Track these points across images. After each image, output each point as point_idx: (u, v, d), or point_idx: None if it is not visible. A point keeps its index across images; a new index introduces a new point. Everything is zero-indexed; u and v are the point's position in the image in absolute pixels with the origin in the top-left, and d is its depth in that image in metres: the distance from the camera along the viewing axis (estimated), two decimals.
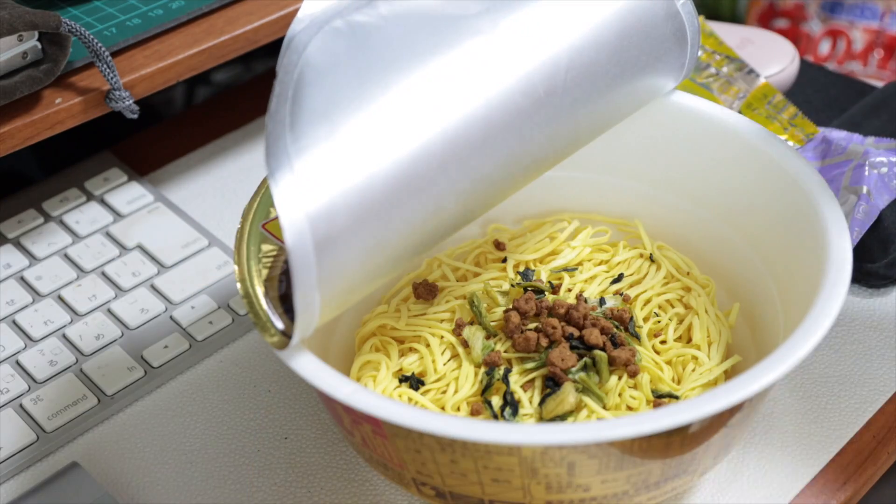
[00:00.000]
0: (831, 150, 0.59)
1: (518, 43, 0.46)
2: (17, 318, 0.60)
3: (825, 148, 0.60)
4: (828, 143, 0.60)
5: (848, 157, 0.58)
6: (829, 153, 0.59)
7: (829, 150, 0.60)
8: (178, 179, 0.70)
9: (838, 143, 0.60)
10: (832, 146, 0.59)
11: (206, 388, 0.57)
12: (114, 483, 0.53)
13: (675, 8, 0.50)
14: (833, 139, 0.60)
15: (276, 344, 0.44)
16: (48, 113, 0.58)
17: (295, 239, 0.40)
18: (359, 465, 0.53)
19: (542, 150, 0.48)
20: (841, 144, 0.59)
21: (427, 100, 0.43)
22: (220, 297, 0.61)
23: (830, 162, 0.58)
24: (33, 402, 0.55)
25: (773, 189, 0.51)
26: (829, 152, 0.59)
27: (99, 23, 0.62)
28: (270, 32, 0.65)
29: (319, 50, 0.43)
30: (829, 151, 0.60)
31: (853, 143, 0.59)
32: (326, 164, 0.41)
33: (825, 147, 0.60)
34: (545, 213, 0.59)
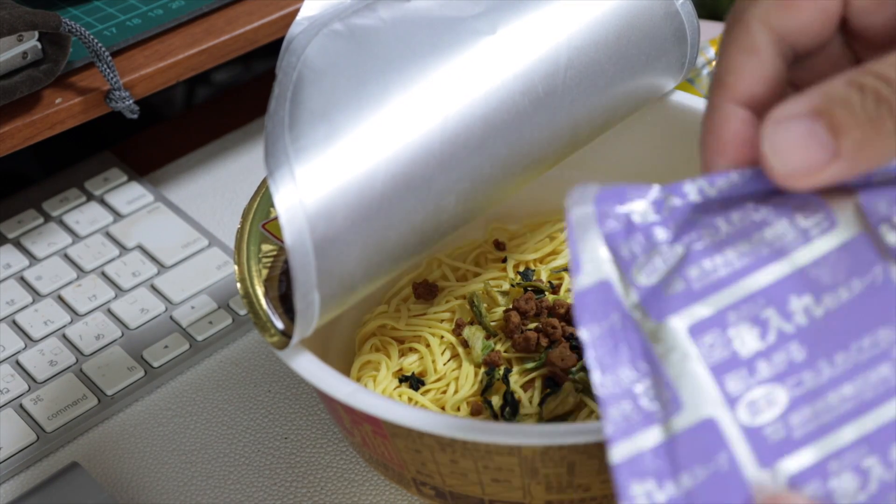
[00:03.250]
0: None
1: (517, 43, 0.46)
2: (17, 318, 0.60)
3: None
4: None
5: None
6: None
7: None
8: (178, 179, 0.70)
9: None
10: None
11: (206, 388, 0.57)
12: (114, 483, 0.53)
13: (675, 7, 0.50)
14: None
15: (276, 344, 0.44)
16: (48, 113, 0.58)
17: (294, 239, 0.40)
18: (359, 465, 0.53)
19: (542, 150, 0.48)
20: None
21: (426, 100, 0.43)
22: (220, 297, 0.61)
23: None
24: (33, 402, 0.55)
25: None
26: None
27: (99, 23, 0.62)
28: (270, 32, 0.65)
29: (318, 51, 0.43)
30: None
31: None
32: (326, 164, 0.41)
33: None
34: (545, 213, 0.59)
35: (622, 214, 0.37)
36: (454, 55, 0.44)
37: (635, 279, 0.37)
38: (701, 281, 0.37)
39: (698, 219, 0.38)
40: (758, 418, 0.35)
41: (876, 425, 0.35)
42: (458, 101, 0.44)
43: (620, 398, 0.35)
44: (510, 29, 0.46)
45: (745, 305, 0.36)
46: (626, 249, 0.37)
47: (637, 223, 0.37)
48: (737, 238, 0.37)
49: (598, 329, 0.36)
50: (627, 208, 0.37)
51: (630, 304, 0.36)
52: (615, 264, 0.37)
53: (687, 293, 0.36)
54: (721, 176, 0.38)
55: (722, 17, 0.84)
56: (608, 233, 0.37)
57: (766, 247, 0.37)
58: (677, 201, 0.38)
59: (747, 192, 0.38)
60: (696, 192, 0.38)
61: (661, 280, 0.37)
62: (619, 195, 0.38)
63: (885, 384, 0.36)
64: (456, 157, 0.44)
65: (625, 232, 0.37)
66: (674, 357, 0.36)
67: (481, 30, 0.45)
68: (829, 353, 0.36)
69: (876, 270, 0.37)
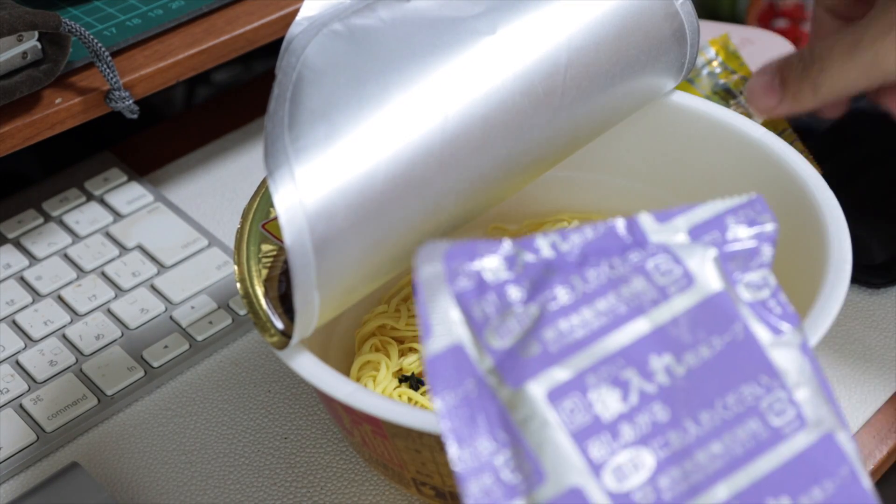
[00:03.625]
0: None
1: (517, 43, 0.46)
2: (17, 318, 0.60)
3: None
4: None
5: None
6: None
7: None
8: (178, 179, 0.70)
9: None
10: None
11: (206, 388, 0.57)
12: (114, 483, 0.53)
13: (675, 8, 0.50)
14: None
15: (276, 344, 0.44)
16: (48, 113, 0.58)
17: (294, 239, 0.40)
18: (359, 465, 0.53)
19: (542, 150, 0.48)
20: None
21: (426, 99, 0.43)
22: (220, 297, 0.61)
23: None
24: (33, 402, 0.55)
25: (773, 188, 0.51)
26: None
27: (99, 23, 0.62)
28: (270, 32, 0.65)
29: (318, 52, 0.43)
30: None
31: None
32: (325, 163, 0.41)
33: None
34: (545, 213, 0.59)
35: (473, 272, 0.36)
36: (454, 55, 0.44)
37: (489, 342, 0.35)
38: (558, 343, 0.35)
39: (553, 276, 0.36)
40: (625, 483, 0.34)
41: (749, 480, 0.35)
42: (458, 101, 0.44)
43: (480, 472, 0.34)
44: (510, 29, 0.46)
45: (605, 367, 0.35)
46: (478, 310, 0.36)
47: (489, 281, 0.36)
48: (593, 297, 0.36)
49: (452, 397, 0.35)
50: (479, 265, 0.36)
51: (485, 368, 0.35)
52: (468, 326, 0.35)
53: (544, 356, 0.35)
54: (575, 231, 0.37)
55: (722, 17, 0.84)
56: (459, 292, 0.35)
57: (623, 305, 0.36)
58: (530, 257, 0.37)
59: (602, 248, 0.37)
60: (549, 248, 0.37)
61: (517, 342, 0.35)
62: (470, 252, 0.36)
63: (754, 439, 0.35)
64: (456, 157, 0.44)
65: (477, 291, 0.36)
66: (533, 425, 0.34)
67: (481, 30, 0.45)
68: (694, 411, 0.35)
69: (736, 327, 0.36)
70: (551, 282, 0.36)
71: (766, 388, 0.36)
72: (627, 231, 0.38)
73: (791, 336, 0.38)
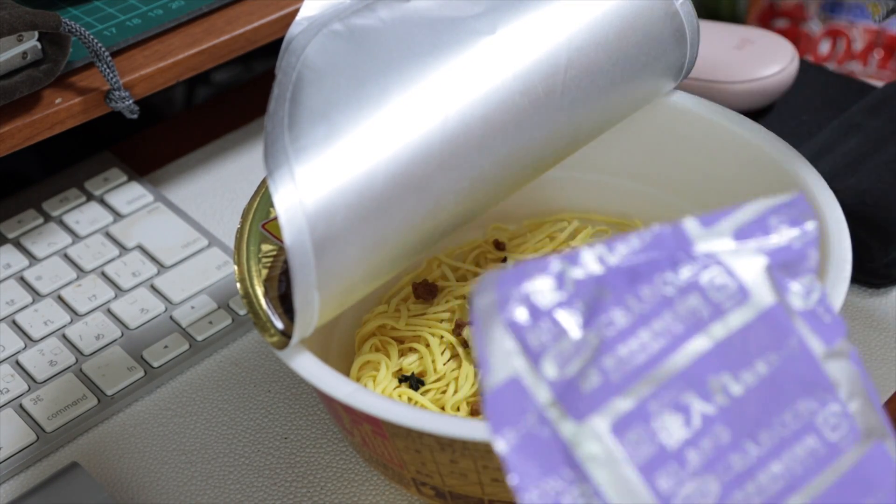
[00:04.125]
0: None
1: (517, 43, 0.46)
2: (17, 318, 0.60)
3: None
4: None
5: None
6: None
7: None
8: (178, 179, 0.70)
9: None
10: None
11: (206, 388, 0.57)
12: (114, 483, 0.53)
13: (675, 8, 0.50)
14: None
15: (276, 344, 0.44)
16: (48, 113, 0.58)
17: (294, 238, 0.40)
18: (359, 465, 0.53)
19: (542, 150, 0.48)
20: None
21: (426, 99, 0.43)
22: (220, 297, 0.61)
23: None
24: (33, 402, 0.55)
25: (773, 188, 0.51)
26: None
27: (99, 23, 0.62)
28: (270, 32, 0.65)
29: (318, 52, 0.43)
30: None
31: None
32: (325, 163, 0.41)
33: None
34: (545, 213, 0.59)
35: (524, 296, 0.35)
36: (454, 55, 0.44)
37: (547, 373, 0.34)
38: (618, 371, 0.34)
39: (607, 297, 0.35)
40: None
41: (811, 498, 0.34)
42: (457, 101, 0.44)
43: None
44: (510, 29, 0.46)
45: (666, 392, 0.34)
46: (534, 338, 0.34)
47: (541, 305, 0.35)
48: (650, 317, 0.35)
49: (514, 436, 0.33)
50: (529, 288, 0.35)
51: (544, 401, 0.34)
52: (524, 356, 0.34)
53: (605, 386, 0.34)
54: (620, 241, 0.36)
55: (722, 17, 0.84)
56: (512, 320, 0.34)
57: (679, 324, 0.35)
58: (578, 273, 0.35)
59: (651, 258, 0.36)
60: (597, 261, 0.36)
61: (577, 373, 0.34)
62: (519, 274, 0.35)
63: (813, 456, 0.35)
64: (456, 157, 0.44)
65: (531, 318, 0.34)
66: (599, 460, 0.34)
67: (481, 30, 0.45)
68: (754, 431, 0.35)
69: (791, 341, 0.36)
70: (606, 304, 0.35)
71: (821, 401, 0.35)
72: (674, 238, 0.37)
73: (842, 345, 0.37)
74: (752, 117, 0.56)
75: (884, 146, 0.64)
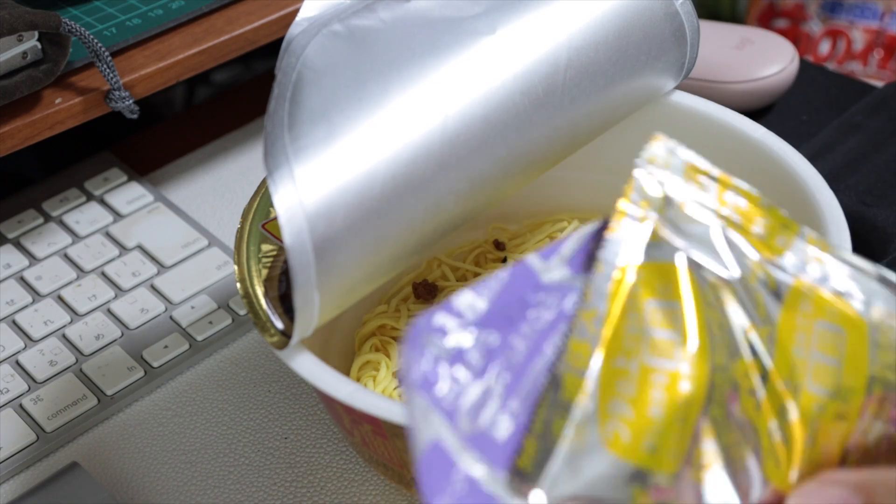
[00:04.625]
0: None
1: (517, 43, 0.46)
2: (17, 318, 0.60)
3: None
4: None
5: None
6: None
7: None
8: (178, 179, 0.70)
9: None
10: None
11: (206, 388, 0.57)
12: (114, 483, 0.53)
13: (675, 8, 0.50)
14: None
15: (276, 344, 0.44)
16: (48, 113, 0.58)
17: (294, 239, 0.40)
18: (359, 465, 0.53)
19: (542, 150, 0.48)
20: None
21: (425, 99, 0.43)
22: (220, 297, 0.61)
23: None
24: (33, 402, 0.55)
25: (773, 188, 0.51)
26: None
27: (99, 23, 0.62)
28: (270, 32, 0.65)
29: (318, 52, 0.43)
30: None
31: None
32: (325, 164, 0.41)
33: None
34: (545, 213, 0.59)
35: (442, 346, 0.34)
36: (454, 55, 0.44)
37: (463, 427, 0.34)
38: (524, 409, 0.34)
39: (494, 341, 0.35)
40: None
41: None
42: (457, 102, 0.44)
43: None
44: (510, 29, 0.46)
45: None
46: (444, 397, 0.34)
47: (446, 355, 0.34)
48: (536, 350, 0.35)
49: (449, 502, 0.32)
50: (438, 322, 0.34)
51: (467, 460, 0.33)
52: (439, 415, 0.33)
53: (520, 429, 0.34)
54: (482, 286, 0.36)
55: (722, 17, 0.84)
56: (421, 376, 0.34)
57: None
58: (466, 338, 0.35)
59: (516, 296, 0.36)
60: (470, 309, 0.35)
61: (490, 422, 0.34)
62: (427, 323, 0.34)
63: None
64: (456, 157, 0.44)
65: (447, 363, 0.34)
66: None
67: (481, 30, 0.45)
68: None
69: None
70: (496, 350, 0.35)
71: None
72: (524, 276, 0.37)
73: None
74: (752, 117, 0.56)
75: (884, 146, 0.64)
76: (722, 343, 0.36)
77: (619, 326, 0.36)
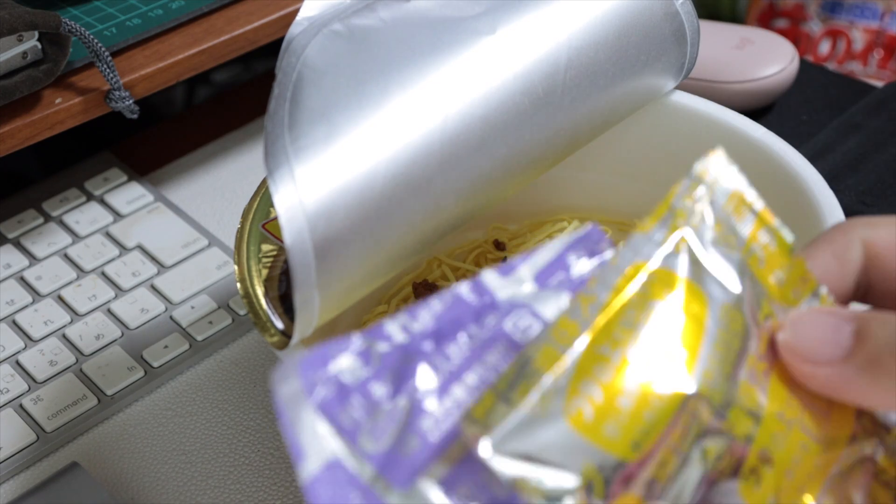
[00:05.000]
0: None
1: (517, 43, 0.46)
2: (17, 318, 0.60)
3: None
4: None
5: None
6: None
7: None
8: (178, 179, 0.70)
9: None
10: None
11: (206, 388, 0.57)
12: (114, 483, 0.53)
13: (675, 8, 0.50)
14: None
15: (276, 344, 0.44)
16: (48, 113, 0.58)
17: (294, 238, 0.40)
18: None
19: (542, 150, 0.48)
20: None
21: (426, 99, 0.43)
22: (220, 297, 0.61)
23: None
24: (33, 402, 0.55)
25: (773, 188, 0.51)
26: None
27: (99, 23, 0.62)
28: (270, 32, 0.65)
29: (318, 52, 0.43)
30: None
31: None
32: (325, 163, 0.41)
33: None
34: (545, 213, 0.59)
35: (331, 377, 0.34)
36: (454, 55, 0.44)
37: (366, 448, 0.33)
38: (435, 431, 0.34)
39: (413, 362, 0.35)
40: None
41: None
42: (457, 101, 0.44)
43: None
44: (510, 29, 0.46)
45: None
46: (346, 417, 0.33)
47: (349, 383, 0.34)
48: (461, 373, 0.35)
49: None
50: (335, 368, 0.34)
51: (368, 477, 0.33)
52: (339, 437, 0.33)
53: (425, 448, 0.33)
54: (422, 308, 0.35)
55: (722, 17, 0.84)
56: (321, 403, 0.33)
57: (492, 371, 0.35)
58: (384, 346, 0.35)
59: (455, 318, 0.36)
60: (401, 331, 0.35)
61: (395, 441, 0.33)
62: (323, 357, 0.34)
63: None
64: (456, 157, 0.44)
65: (339, 397, 0.34)
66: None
67: (481, 30, 0.45)
68: None
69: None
70: (413, 369, 0.34)
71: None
72: (474, 294, 0.36)
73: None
74: (752, 117, 0.56)
75: (884, 146, 0.64)
76: (716, 363, 0.36)
77: (614, 318, 0.36)
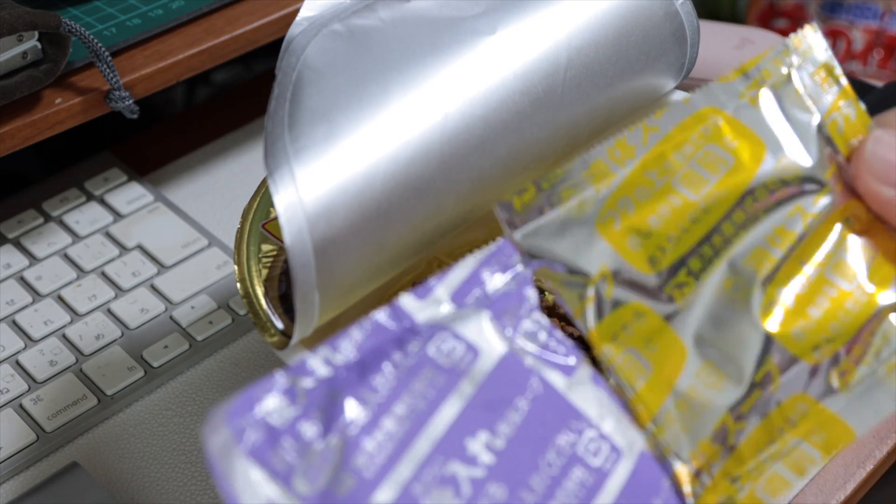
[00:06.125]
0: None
1: (517, 43, 0.46)
2: (17, 318, 0.60)
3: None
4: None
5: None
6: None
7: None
8: (178, 179, 0.70)
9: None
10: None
11: (206, 388, 0.57)
12: (114, 483, 0.53)
13: (675, 7, 0.50)
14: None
15: (276, 344, 0.44)
16: (48, 113, 0.58)
17: (294, 239, 0.40)
18: None
19: (542, 150, 0.48)
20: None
21: (426, 100, 0.43)
22: (220, 297, 0.61)
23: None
24: (33, 402, 0.55)
25: None
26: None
27: (99, 23, 0.62)
28: (270, 32, 0.65)
29: (318, 52, 0.43)
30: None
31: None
32: (325, 163, 0.41)
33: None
34: None
35: (258, 421, 0.33)
36: (454, 55, 0.44)
37: (300, 491, 0.33)
38: (370, 467, 0.33)
39: (340, 396, 0.34)
40: None
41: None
42: (457, 101, 0.44)
43: None
44: (510, 29, 0.46)
45: (428, 469, 0.34)
46: (278, 461, 0.33)
47: (278, 426, 0.33)
48: (389, 404, 0.34)
49: None
50: (261, 410, 0.33)
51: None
52: (273, 482, 0.33)
53: (361, 485, 0.33)
54: (342, 338, 0.36)
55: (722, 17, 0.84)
56: (251, 449, 0.33)
57: (421, 401, 0.35)
58: (308, 382, 0.34)
59: (377, 346, 0.36)
60: (323, 364, 0.35)
61: (329, 481, 0.33)
62: (248, 400, 0.34)
63: (583, 486, 0.35)
64: (456, 157, 0.44)
65: (269, 441, 0.33)
66: None
67: (481, 30, 0.45)
68: (524, 480, 0.34)
69: (533, 382, 0.36)
70: (341, 405, 0.34)
71: (577, 432, 0.36)
72: (393, 319, 0.36)
73: (582, 372, 0.37)
74: None
75: None
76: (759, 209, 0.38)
77: (669, 150, 0.38)
